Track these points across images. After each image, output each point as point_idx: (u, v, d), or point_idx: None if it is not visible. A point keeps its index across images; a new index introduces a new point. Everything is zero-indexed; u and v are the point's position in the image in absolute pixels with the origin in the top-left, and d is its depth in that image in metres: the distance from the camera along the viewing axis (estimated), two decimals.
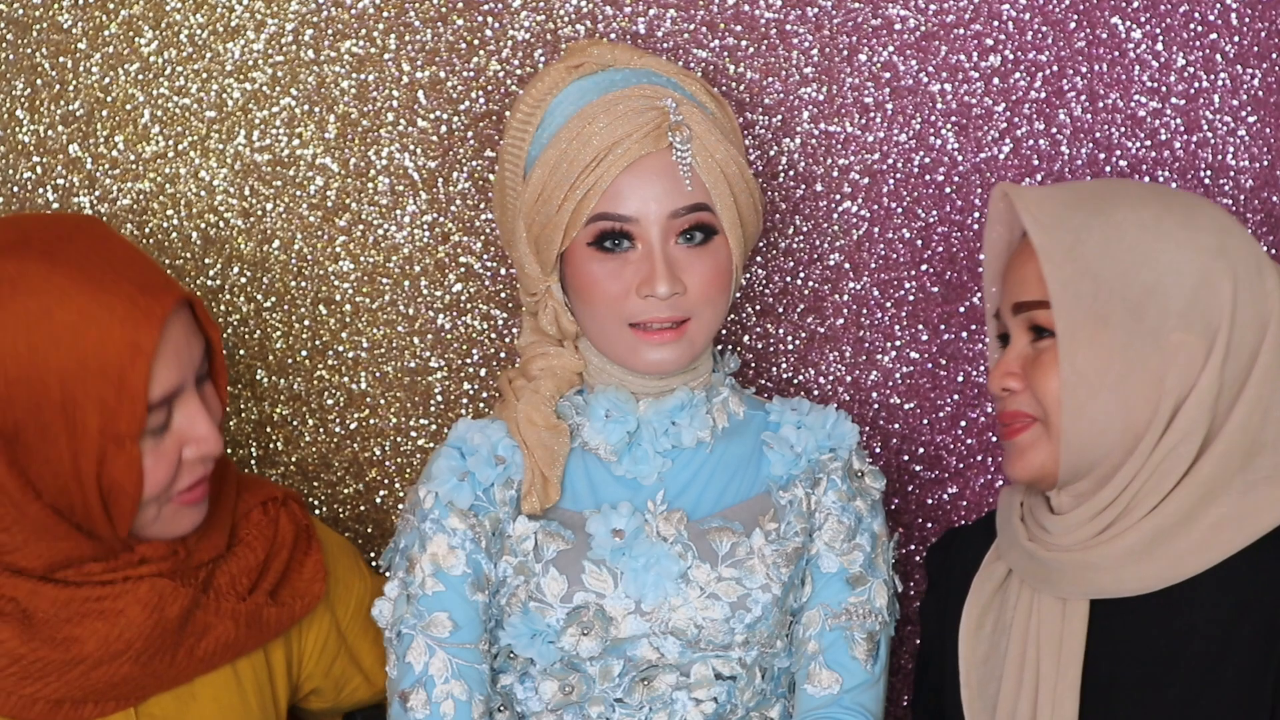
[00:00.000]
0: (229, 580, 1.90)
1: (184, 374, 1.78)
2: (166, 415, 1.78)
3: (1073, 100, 2.26)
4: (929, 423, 2.32)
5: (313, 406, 2.31)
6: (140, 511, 1.80)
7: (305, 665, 2.02)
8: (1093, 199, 1.81)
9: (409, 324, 2.30)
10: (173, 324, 1.77)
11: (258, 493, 1.97)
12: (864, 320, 2.30)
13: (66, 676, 1.81)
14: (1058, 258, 1.77)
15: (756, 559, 1.93)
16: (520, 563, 1.93)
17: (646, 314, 1.89)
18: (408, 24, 2.25)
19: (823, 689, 1.94)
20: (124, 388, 1.73)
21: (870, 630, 1.96)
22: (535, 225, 1.92)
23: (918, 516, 2.34)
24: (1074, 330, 1.76)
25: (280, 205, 2.27)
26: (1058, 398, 1.78)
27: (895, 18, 2.24)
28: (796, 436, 2.00)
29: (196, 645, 1.87)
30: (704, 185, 1.89)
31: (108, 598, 1.81)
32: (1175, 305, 1.75)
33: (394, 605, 1.94)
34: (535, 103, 1.94)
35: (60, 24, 2.24)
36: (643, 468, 1.96)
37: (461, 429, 1.98)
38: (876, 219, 2.28)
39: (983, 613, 1.90)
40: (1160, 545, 1.77)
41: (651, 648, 1.92)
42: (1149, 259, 1.76)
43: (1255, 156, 2.26)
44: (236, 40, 2.25)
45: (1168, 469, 1.77)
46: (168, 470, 1.79)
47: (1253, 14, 2.24)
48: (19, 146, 2.26)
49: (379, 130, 2.27)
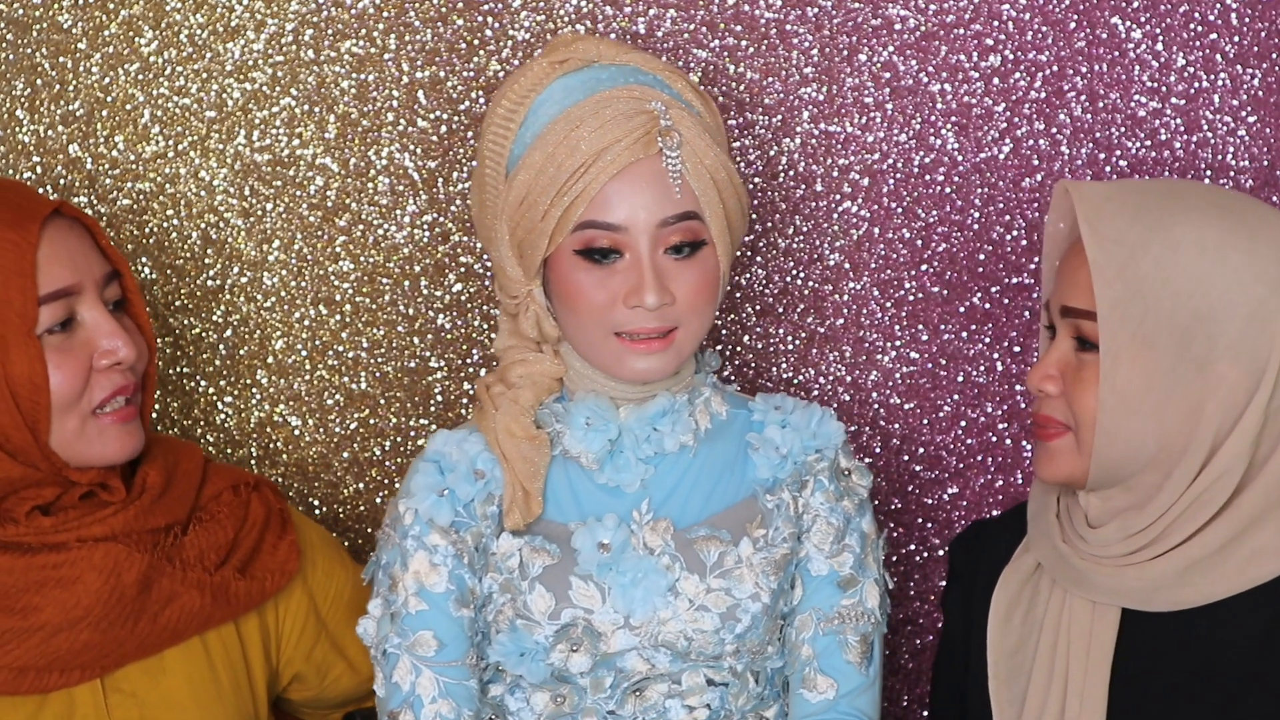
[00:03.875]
0: (197, 554, 1.93)
1: (79, 277, 1.85)
2: (66, 316, 1.85)
3: (1073, 100, 2.26)
4: (929, 423, 2.32)
5: (313, 406, 2.31)
6: (60, 421, 1.85)
7: (284, 649, 2.03)
8: (1158, 209, 1.75)
9: (409, 324, 2.30)
10: (58, 228, 1.86)
11: (229, 476, 2.01)
12: (864, 320, 2.30)
13: (27, 643, 1.85)
14: (1109, 274, 1.72)
15: (745, 567, 1.91)
16: (506, 580, 1.90)
17: (633, 324, 1.85)
18: (408, 24, 2.25)
19: (819, 695, 1.92)
20: (14, 278, 1.81)
21: (863, 632, 1.94)
22: (519, 230, 1.88)
23: (918, 516, 2.34)
24: (1118, 350, 1.72)
25: (280, 205, 2.28)
26: (1093, 414, 1.75)
27: (895, 18, 2.24)
28: (781, 437, 1.97)
29: (160, 613, 1.90)
30: (693, 192, 1.85)
31: (64, 564, 1.86)
32: (1225, 335, 1.71)
33: (378, 624, 1.92)
34: (518, 99, 1.88)
35: (60, 24, 2.24)
36: (625, 475, 1.93)
37: (439, 442, 1.95)
38: (876, 219, 2.28)
39: (1012, 604, 1.89)
40: (1194, 573, 1.75)
41: (642, 659, 1.90)
42: (1203, 286, 1.71)
43: (1255, 156, 2.26)
44: (236, 40, 2.25)
45: (1207, 500, 1.74)
46: (75, 372, 1.85)
47: (1253, 14, 2.24)
48: (19, 146, 2.26)
49: (379, 130, 2.27)
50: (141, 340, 1.92)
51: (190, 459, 1.99)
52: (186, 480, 1.96)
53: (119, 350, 1.87)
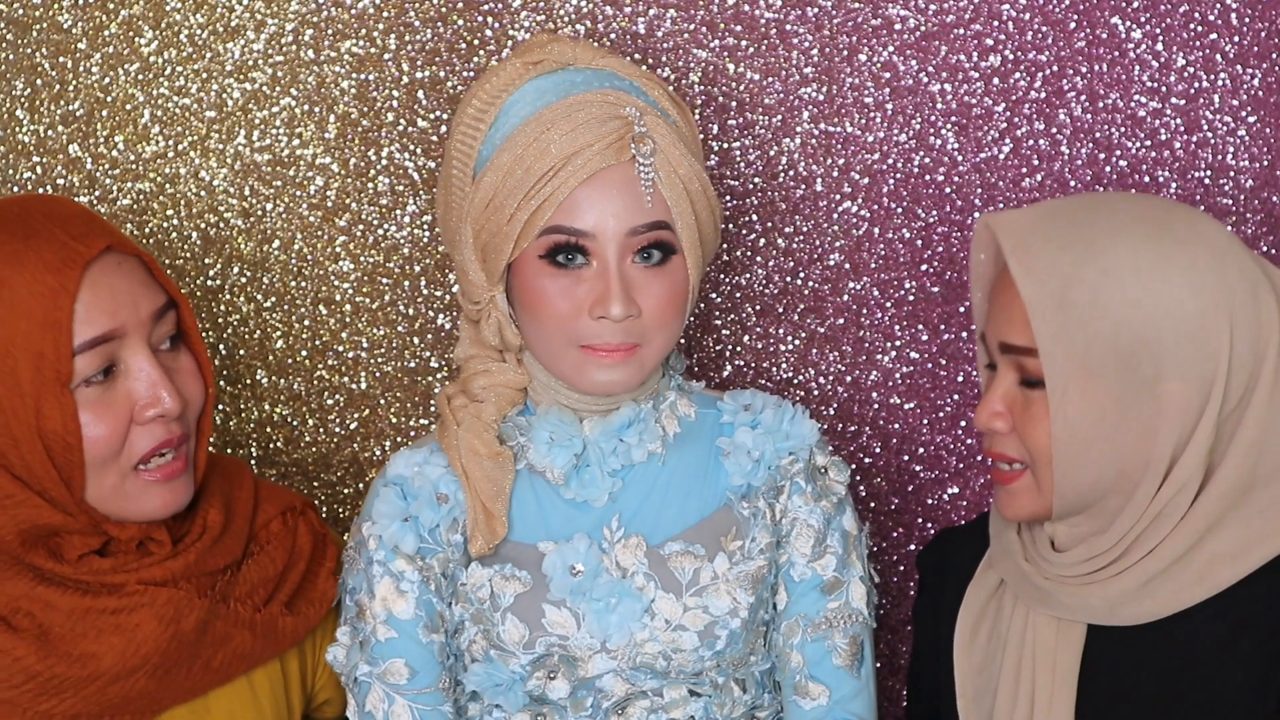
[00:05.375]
0: (248, 589, 1.87)
1: (122, 321, 1.73)
2: (106, 364, 1.73)
3: (1073, 100, 2.26)
4: (929, 423, 2.32)
5: (313, 406, 2.31)
6: (97, 477, 1.75)
7: (320, 675, 1.99)
8: (1085, 233, 1.71)
9: (409, 324, 2.30)
10: (104, 268, 1.73)
11: (277, 502, 1.94)
12: (864, 320, 2.30)
13: (83, 692, 1.78)
14: (1047, 311, 1.69)
15: (721, 583, 1.87)
16: (477, 611, 1.87)
17: (597, 338, 1.80)
18: (408, 24, 2.25)
19: (812, 702, 1.90)
20: (49, 329, 1.70)
21: (852, 634, 1.91)
22: (484, 233, 1.82)
23: (918, 516, 2.34)
24: (1065, 384, 1.69)
25: (280, 205, 2.28)
26: (1047, 449, 1.72)
27: (895, 18, 2.24)
28: (753, 440, 1.92)
29: (213, 657, 1.84)
30: (665, 202, 1.80)
31: (123, 610, 1.78)
32: (1170, 355, 1.69)
33: (347, 652, 1.89)
34: (489, 100, 1.83)
35: (60, 24, 2.24)
36: (592, 490, 1.88)
37: (400, 464, 1.91)
38: (876, 219, 2.28)
39: (977, 622, 1.88)
40: (1156, 584, 1.74)
41: (621, 680, 1.87)
42: (1143, 309, 1.68)
43: (1255, 156, 2.26)
44: (236, 40, 2.25)
45: (1167, 514, 1.73)
46: (114, 426, 1.74)
47: (1253, 14, 2.24)
48: (19, 146, 2.26)
49: (379, 130, 2.27)
50: (197, 382, 1.81)
51: (242, 486, 1.91)
52: (242, 512, 1.89)
53: (163, 401, 1.75)
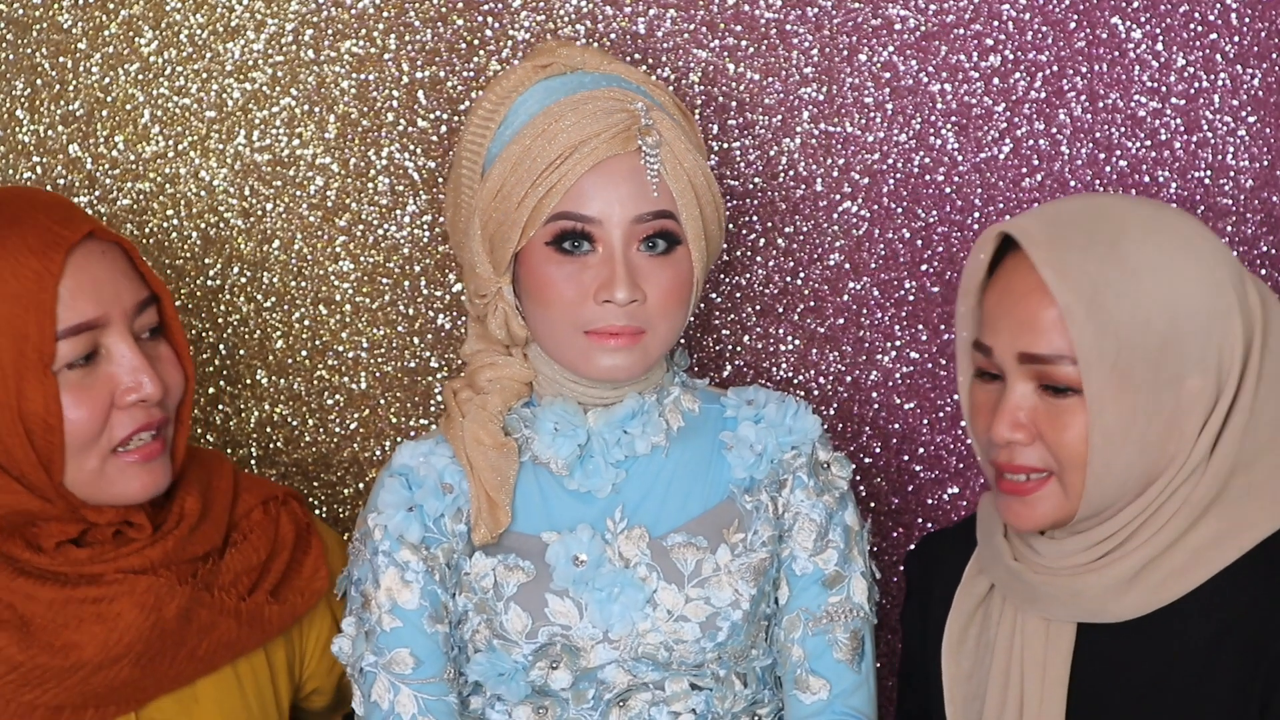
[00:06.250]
0: (231, 578, 1.88)
1: (105, 308, 1.77)
2: (89, 350, 1.76)
3: (1073, 100, 2.26)
4: (929, 423, 2.32)
5: (313, 406, 2.31)
6: (77, 460, 1.77)
7: (308, 664, 2.01)
8: (1102, 236, 1.72)
9: (409, 324, 2.30)
10: (88, 254, 1.77)
11: (258, 492, 1.96)
12: (864, 320, 2.30)
13: (66, 683, 1.80)
14: (1080, 315, 1.70)
15: (723, 575, 1.89)
16: (480, 600, 1.88)
17: (602, 321, 1.82)
18: (408, 24, 2.25)
19: (813, 696, 1.91)
20: (32, 311, 1.73)
21: (853, 629, 1.92)
22: (491, 223, 1.85)
23: (918, 516, 2.34)
24: (1101, 389, 1.70)
25: (280, 205, 2.28)
26: (1078, 454, 1.72)
27: (895, 18, 2.25)
28: (756, 435, 1.94)
29: (198, 645, 1.85)
30: (670, 193, 1.83)
31: (104, 599, 1.80)
32: (1191, 351, 1.71)
33: (353, 642, 1.90)
34: (499, 100, 1.87)
35: (60, 24, 2.24)
36: (596, 481, 1.90)
37: (405, 455, 1.93)
38: (876, 219, 2.28)
39: (965, 628, 1.87)
40: (1146, 572, 1.75)
41: (623, 671, 1.88)
42: (1166, 308, 1.70)
43: (1255, 156, 2.26)
44: (236, 40, 2.25)
45: (1173, 500, 1.74)
46: (95, 410, 1.77)
47: (1253, 14, 2.24)
48: (19, 146, 2.26)
49: (379, 130, 2.27)
50: (177, 371, 1.84)
51: (221, 475, 1.93)
52: (221, 501, 1.91)
53: (144, 387, 1.78)
